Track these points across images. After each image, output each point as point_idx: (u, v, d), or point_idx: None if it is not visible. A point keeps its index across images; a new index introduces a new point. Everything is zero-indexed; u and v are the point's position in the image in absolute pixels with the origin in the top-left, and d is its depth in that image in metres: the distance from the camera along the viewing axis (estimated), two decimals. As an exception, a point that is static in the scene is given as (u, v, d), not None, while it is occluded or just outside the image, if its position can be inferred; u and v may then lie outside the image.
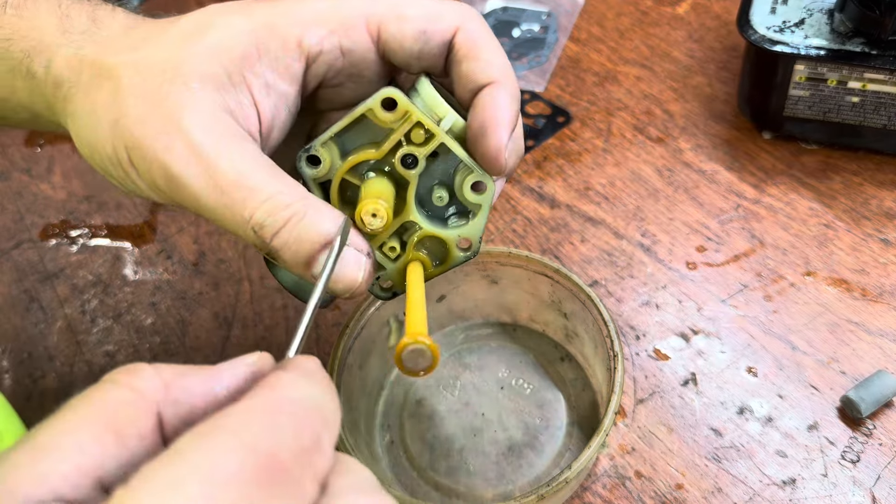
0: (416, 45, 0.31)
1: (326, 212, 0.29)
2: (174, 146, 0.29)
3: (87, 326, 0.54)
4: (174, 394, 0.21)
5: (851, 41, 0.51)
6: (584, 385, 0.47)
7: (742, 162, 0.57)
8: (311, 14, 0.31)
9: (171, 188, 0.29)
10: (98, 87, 0.31)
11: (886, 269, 0.50)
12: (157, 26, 0.32)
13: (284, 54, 0.31)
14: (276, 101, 0.31)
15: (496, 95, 0.31)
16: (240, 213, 0.28)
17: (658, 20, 0.68)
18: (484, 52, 0.31)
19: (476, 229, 0.33)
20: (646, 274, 0.52)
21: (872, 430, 0.44)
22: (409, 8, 0.31)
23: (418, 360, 0.27)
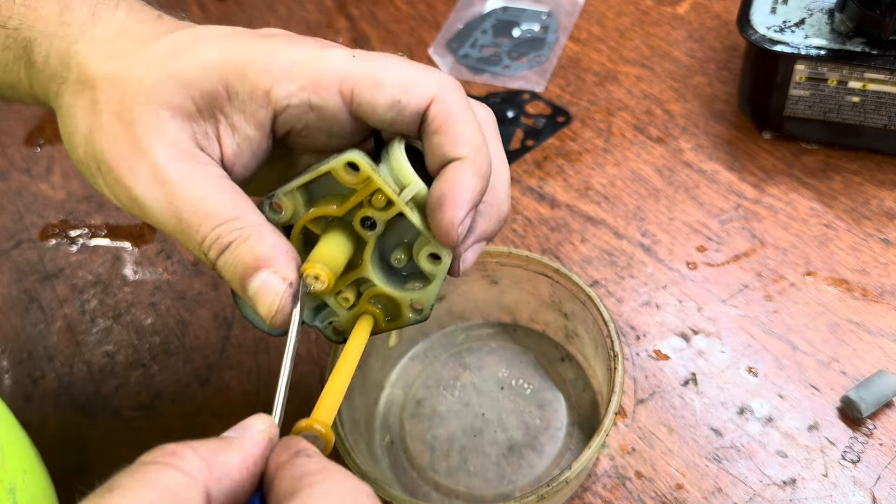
0: (388, 112, 0.31)
1: (269, 239, 0.30)
2: (138, 170, 0.30)
3: (86, 326, 0.54)
4: (216, 472, 0.23)
5: (852, 41, 0.51)
6: (585, 385, 0.47)
7: (742, 162, 0.57)
8: (285, 65, 0.31)
9: (133, 207, 0.31)
10: (80, 92, 0.32)
11: (887, 269, 0.50)
12: (143, 38, 0.32)
13: (251, 101, 0.31)
14: (241, 142, 0.31)
15: (459, 172, 0.30)
16: (193, 237, 0.30)
17: (658, 20, 0.68)
18: (456, 127, 0.31)
19: (429, 296, 0.34)
20: (646, 274, 0.52)
21: (873, 431, 0.44)
22: (384, 74, 0.31)
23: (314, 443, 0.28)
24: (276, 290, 0.30)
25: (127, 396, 0.51)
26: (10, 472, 0.34)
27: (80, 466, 0.48)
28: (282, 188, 0.32)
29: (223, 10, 0.76)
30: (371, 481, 0.37)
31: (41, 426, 0.50)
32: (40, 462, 0.38)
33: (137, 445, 0.52)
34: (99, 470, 0.48)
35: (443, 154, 0.31)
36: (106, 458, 0.48)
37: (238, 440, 0.25)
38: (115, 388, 0.51)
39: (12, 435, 0.36)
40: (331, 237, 0.32)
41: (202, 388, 0.51)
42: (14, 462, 0.35)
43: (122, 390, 0.51)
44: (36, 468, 0.37)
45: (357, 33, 0.72)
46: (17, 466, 0.35)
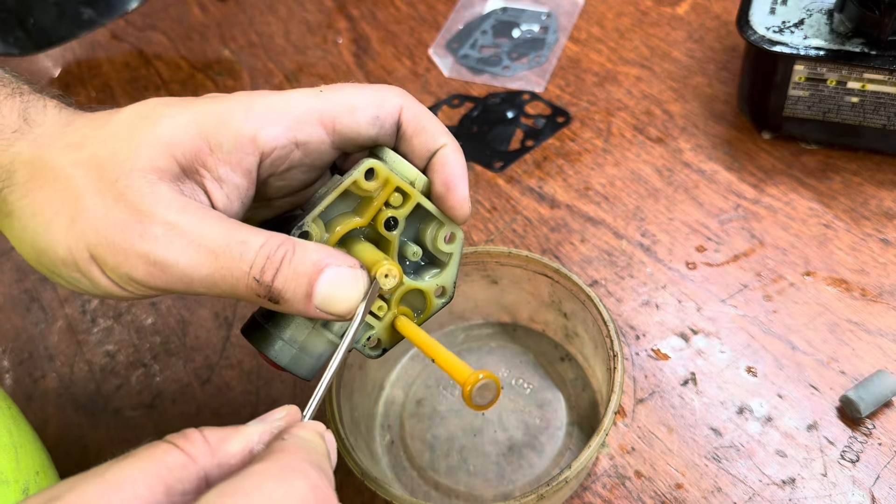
0: (372, 129, 0.33)
1: (312, 245, 0.31)
2: (151, 232, 0.29)
3: (87, 326, 0.54)
4: (219, 457, 0.25)
5: (851, 41, 0.51)
6: (584, 385, 0.47)
7: (742, 162, 0.57)
8: (266, 111, 0.32)
9: (154, 274, 0.29)
10: (41, 187, 0.30)
11: (886, 268, 0.50)
12: (93, 121, 0.32)
13: (237, 149, 0.31)
14: (230, 193, 0.32)
15: (450, 156, 0.34)
16: (239, 267, 0.29)
17: (658, 20, 0.68)
18: (430, 123, 0.34)
19: (451, 276, 0.36)
20: (645, 274, 0.52)
21: (872, 430, 0.44)
22: (356, 99, 0.33)
23: (485, 394, 0.30)
24: (352, 277, 0.30)
25: (128, 396, 0.51)
26: (24, 473, 0.34)
27: (81, 466, 0.48)
28: (308, 215, 0.33)
29: (223, 11, 0.76)
30: (371, 480, 0.37)
31: (42, 426, 0.50)
32: (51, 463, 0.38)
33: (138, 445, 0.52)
34: (100, 469, 0.48)
35: (429, 147, 0.34)
36: (107, 458, 0.48)
37: (246, 429, 0.26)
38: (116, 387, 0.51)
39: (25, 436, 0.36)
40: (362, 247, 0.34)
41: (203, 388, 0.51)
42: (27, 462, 0.35)
43: (123, 390, 0.51)
44: (47, 469, 0.37)
45: (357, 33, 0.72)
46: (30, 467, 0.35)
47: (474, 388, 0.30)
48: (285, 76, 0.69)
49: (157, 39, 0.75)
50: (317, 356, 0.35)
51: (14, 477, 0.33)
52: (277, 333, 0.33)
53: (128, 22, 0.77)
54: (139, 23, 0.76)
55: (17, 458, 0.34)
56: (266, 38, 0.73)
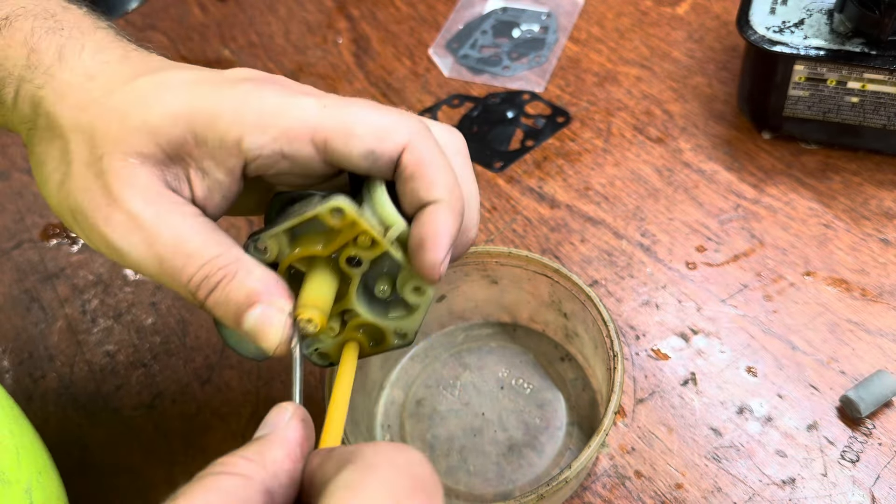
0: (364, 162, 0.31)
1: (256, 271, 0.31)
2: (113, 218, 0.30)
3: (87, 326, 0.54)
4: (270, 469, 0.24)
5: (851, 41, 0.51)
6: (584, 385, 0.47)
7: (742, 162, 0.57)
8: (255, 116, 0.31)
9: (113, 255, 0.31)
10: (49, 140, 0.32)
11: (886, 268, 0.50)
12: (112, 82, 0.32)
13: (221, 149, 0.31)
14: (211, 186, 0.32)
15: (436, 214, 0.31)
16: (178, 278, 0.30)
17: (658, 20, 0.68)
18: (429, 172, 0.31)
19: (414, 324, 0.35)
20: (645, 274, 0.52)
21: (872, 430, 0.44)
22: (357, 125, 0.31)
23: None
24: (277, 322, 0.30)
25: (128, 396, 0.51)
26: (26, 474, 0.34)
27: (81, 466, 0.48)
28: (266, 231, 0.32)
29: (224, 11, 0.76)
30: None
31: (42, 426, 0.50)
32: (52, 463, 0.38)
33: (138, 445, 0.52)
34: (100, 470, 0.48)
35: (419, 199, 0.31)
36: (107, 458, 0.48)
37: (275, 434, 0.26)
38: (116, 387, 0.51)
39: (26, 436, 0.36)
40: (317, 275, 0.33)
41: (203, 388, 0.51)
42: (29, 463, 0.35)
43: (123, 390, 0.51)
44: (49, 469, 0.37)
45: (357, 34, 0.72)
46: (31, 468, 0.35)
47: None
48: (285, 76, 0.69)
49: (157, 39, 0.75)
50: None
51: (16, 477, 0.33)
52: None
53: (128, 22, 0.77)
54: (139, 23, 0.76)
55: (19, 459, 0.34)
56: (266, 38, 0.73)
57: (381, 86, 0.67)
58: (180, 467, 0.47)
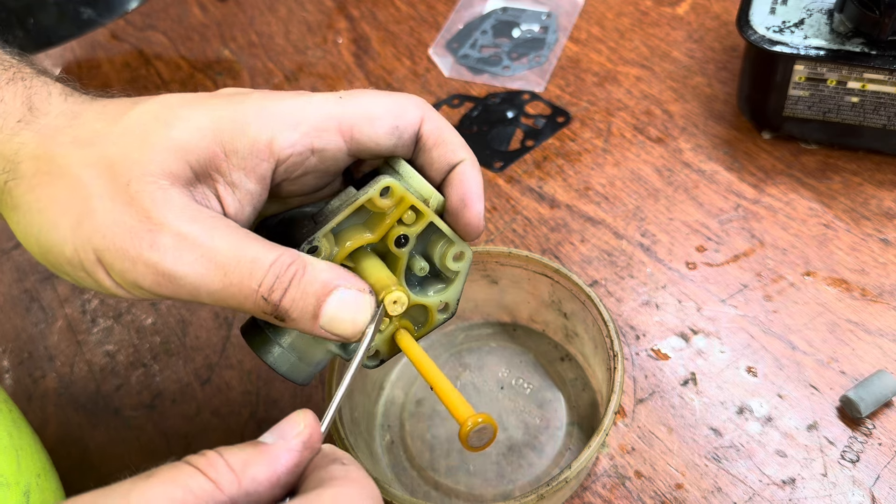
0: (390, 140, 0.33)
1: (322, 265, 0.31)
2: (161, 242, 0.28)
3: (87, 326, 0.54)
4: (245, 485, 0.24)
5: (851, 41, 0.51)
6: (584, 385, 0.47)
7: (742, 162, 0.57)
8: (283, 115, 0.31)
9: (160, 283, 0.29)
10: (48, 184, 0.29)
11: (886, 268, 0.50)
12: (104, 116, 0.31)
13: (253, 155, 0.30)
14: (242, 198, 0.31)
15: (469, 172, 0.34)
16: (248, 285, 0.29)
17: (658, 20, 0.68)
18: (449, 136, 0.34)
19: (455, 293, 0.36)
20: (645, 274, 0.52)
21: (872, 430, 0.44)
22: (375, 108, 0.32)
23: (483, 437, 0.31)
24: (361, 302, 0.31)
25: (128, 396, 0.51)
26: (25, 476, 0.34)
27: (81, 466, 0.48)
28: (320, 231, 0.32)
29: (224, 11, 0.76)
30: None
31: (42, 426, 0.50)
32: (52, 465, 0.38)
33: (138, 445, 0.52)
34: (100, 470, 0.48)
35: (447, 161, 0.34)
36: (107, 458, 0.48)
37: (271, 450, 0.25)
38: (116, 387, 0.51)
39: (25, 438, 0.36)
40: (370, 264, 0.33)
41: (203, 388, 0.51)
42: (28, 465, 0.35)
43: (123, 390, 0.51)
44: (48, 471, 0.37)
45: (357, 34, 0.72)
46: (31, 470, 0.35)
47: (472, 431, 0.30)
48: (285, 76, 0.69)
49: (157, 39, 0.75)
50: (314, 364, 0.34)
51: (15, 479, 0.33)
52: (276, 339, 0.33)
53: (128, 22, 0.77)
54: (139, 23, 0.76)
55: (19, 461, 0.34)
56: (266, 38, 0.73)
57: (381, 86, 0.67)
58: (180, 467, 0.47)
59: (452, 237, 0.35)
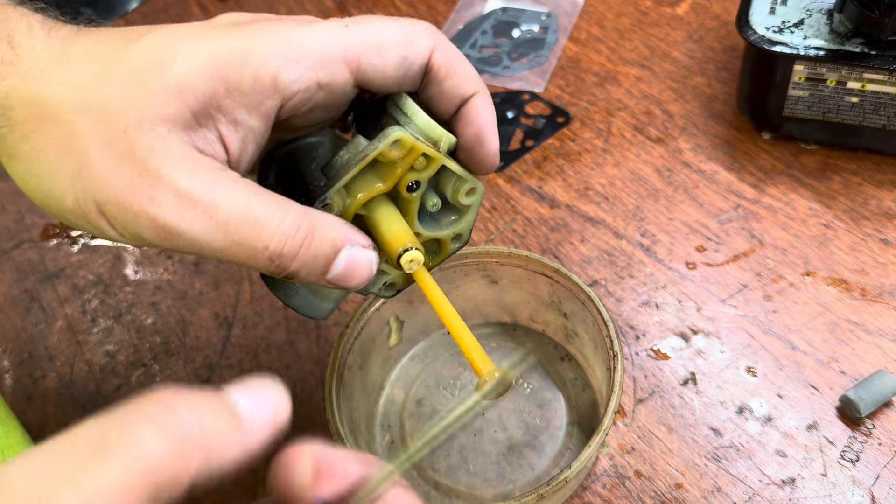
0: (398, 71, 0.31)
1: (329, 220, 0.30)
2: (161, 197, 0.27)
3: (87, 326, 0.54)
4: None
5: (851, 41, 0.51)
6: (584, 385, 0.47)
7: (741, 162, 0.57)
8: (287, 48, 0.29)
9: (163, 237, 0.28)
10: (43, 131, 0.28)
11: (886, 269, 0.50)
12: (98, 57, 0.28)
13: (256, 92, 0.29)
14: (245, 136, 0.30)
15: (482, 105, 0.33)
16: (253, 246, 0.28)
17: (658, 20, 0.68)
18: (462, 67, 0.32)
19: (468, 224, 0.37)
20: (645, 274, 0.52)
21: (872, 430, 0.44)
22: (384, 36, 0.30)
23: (499, 389, 0.31)
24: (365, 258, 0.31)
25: (128, 396, 0.51)
26: None
27: (80, 466, 0.48)
28: (332, 188, 0.32)
29: (223, 11, 0.76)
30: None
31: (42, 426, 0.50)
32: None
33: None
34: (100, 469, 0.48)
35: (460, 94, 0.32)
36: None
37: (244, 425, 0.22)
38: (116, 387, 0.51)
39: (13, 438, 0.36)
40: (383, 213, 0.33)
41: (203, 388, 0.51)
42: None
43: (123, 390, 0.51)
44: None
45: (357, 34, 0.72)
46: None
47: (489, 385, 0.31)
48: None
49: (157, 39, 0.75)
50: (334, 300, 0.35)
51: None
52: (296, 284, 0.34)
53: (128, 22, 0.77)
54: (139, 23, 0.76)
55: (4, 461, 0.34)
56: (266, 38, 0.73)
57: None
58: (180, 467, 0.47)
59: (464, 175, 0.34)
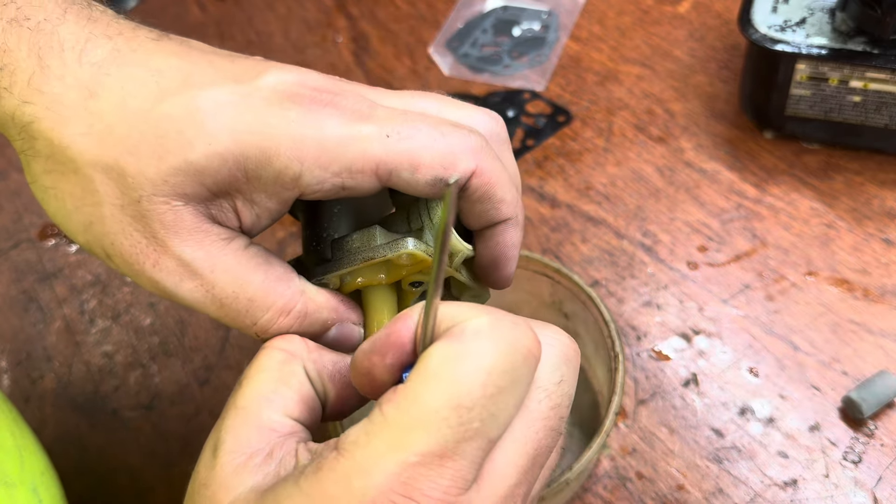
0: (430, 188, 0.29)
1: (319, 299, 0.31)
2: (164, 264, 0.29)
3: (85, 327, 0.54)
4: (313, 355, 0.28)
5: (853, 40, 0.50)
6: (585, 386, 0.47)
7: (743, 161, 0.57)
8: (316, 152, 0.28)
9: (162, 295, 0.30)
10: (62, 174, 0.29)
11: (888, 269, 0.50)
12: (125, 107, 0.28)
13: (276, 184, 0.29)
14: (260, 213, 0.30)
15: (507, 234, 0.31)
16: (242, 321, 0.30)
17: (659, 19, 0.68)
18: (497, 193, 0.30)
19: None
20: (647, 274, 0.52)
21: (874, 431, 0.44)
22: (423, 157, 0.29)
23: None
24: (353, 334, 0.32)
25: (126, 397, 0.51)
26: (30, 474, 0.34)
27: (79, 467, 0.48)
28: (333, 273, 0.31)
29: (222, 10, 0.76)
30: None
31: (40, 427, 0.50)
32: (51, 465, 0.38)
33: (136, 446, 0.52)
34: (98, 470, 0.48)
35: (489, 219, 0.31)
36: (105, 459, 0.48)
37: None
38: (114, 388, 0.51)
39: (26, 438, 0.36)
40: (378, 303, 0.32)
41: (201, 389, 0.50)
42: (31, 463, 0.35)
43: (121, 391, 0.51)
44: (50, 470, 0.37)
45: (357, 32, 0.71)
46: (34, 468, 0.35)
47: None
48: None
49: (156, 38, 0.74)
50: None
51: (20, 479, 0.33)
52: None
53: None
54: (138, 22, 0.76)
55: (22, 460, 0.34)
56: (265, 36, 0.73)
57: (381, 85, 0.66)
58: (179, 469, 0.47)
59: (472, 286, 0.33)
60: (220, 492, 0.25)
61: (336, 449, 0.23)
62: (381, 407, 0.23)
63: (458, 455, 0.22)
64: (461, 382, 0.23)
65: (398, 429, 0.23)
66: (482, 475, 0.24)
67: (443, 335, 0.24)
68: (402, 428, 0.23)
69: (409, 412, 0.23)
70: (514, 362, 0.24)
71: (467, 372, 0.23)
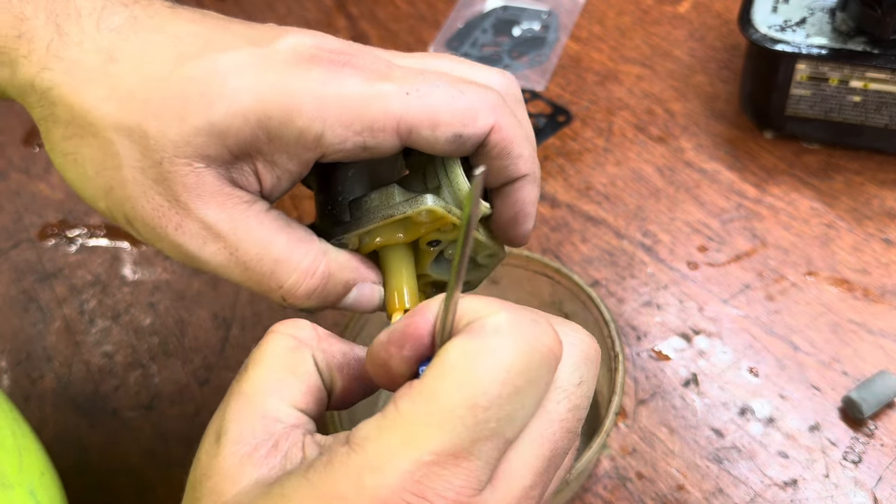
0: (449, 146, 0.30)
1: (342, 259, 0.31)
2: (187, 227, 0.28)
3: (85, 327, 0.54)
4: (322, 344, 0.28)
5: (853, 40, 0.50)
6: (585, 386, 0.47)
7: (743, 161, 0.57)
8: (336, 109, 0.28)
9: (184, 260, 0.29)
10: (81, 137, 0.28)
11: (888, 269, 0.50)
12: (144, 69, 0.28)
13: (298, 145, 0.29)
14: (280, 175, 0.30)
15: (525, 190, 0.32)
16: (267, 284, 0.30)
17: (659, 19, 0.68)
18: (515, 149, 0.31)
19: (479, 279, 0.37)
20: (647, 274, 0.52)
21: (874, 431, 0.44)
22: (442, 113, 0.29)
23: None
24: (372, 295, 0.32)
25: (126, 397, 0.51)
26: (28, 475, 0.34)
27: (79, 467, 0.48)
28: (352, 232, 0.31)
29: (222, 10, 0.76)
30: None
31: (40, 427, 0.50)
32: (51, 465, 0.38)
33: (136, 446, 0.52)
34: (98, 470, 0.48)
35: (507, 175, 0.31)
36: (105, 459, 0.48)
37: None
38: (114, 388, 0.51)
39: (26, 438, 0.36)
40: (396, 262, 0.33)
41: (201, 389, 0.50)
42: (30, 465, 0.34)
43: (121, 391, 0.51)
44: (49, 471, 0.36)
45: (356, 32, 0.71)
46: (33, 469, 0.35)
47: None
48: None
49: (156, 38, 0.74)
50: None
51: (17, 480, 0.33)
52: None
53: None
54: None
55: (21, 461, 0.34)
56: (265, 36, 0.73)
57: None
58: (179, 469, 0.47)
59: (488, 243, 0.33)
60: (224, 483, 0.25)
61: (347, 443, 0.23)
62: (396, 402, 0.23)
63: (474, 455, 0.22)
64: (479, 381, 0.22)
65: (412, 425, 0.22)
66: (497, 475, 0.23)
67: (462, 330, 0.24)
68: (416, 425, 0.22)
69: (424, 409, 0.22)
70: (534, 361, 0.23)
71: (486, 370, 0.22)
